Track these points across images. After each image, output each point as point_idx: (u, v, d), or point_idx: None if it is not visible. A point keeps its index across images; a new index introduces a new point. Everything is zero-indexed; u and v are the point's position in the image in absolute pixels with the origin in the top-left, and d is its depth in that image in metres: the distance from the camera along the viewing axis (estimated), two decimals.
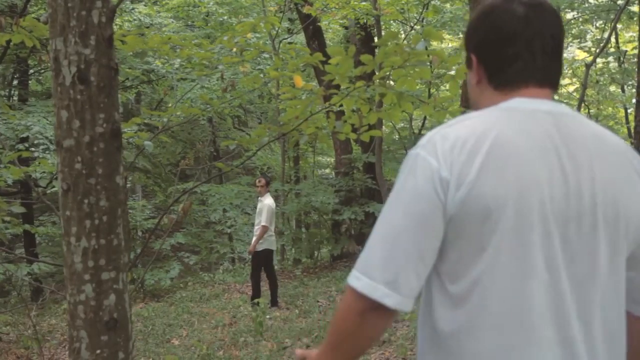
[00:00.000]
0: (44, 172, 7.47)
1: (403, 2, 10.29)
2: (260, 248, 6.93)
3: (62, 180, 1.64)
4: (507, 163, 0.97)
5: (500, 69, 1.09)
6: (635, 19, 10.56)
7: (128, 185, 11.37)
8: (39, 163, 3.88)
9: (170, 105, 12.31)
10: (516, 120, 1.03)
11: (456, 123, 1.05)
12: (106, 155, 1.65)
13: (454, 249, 0.99)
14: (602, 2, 11.17)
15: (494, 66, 1.10)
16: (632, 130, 7.13)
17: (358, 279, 0.99)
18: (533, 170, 0.98)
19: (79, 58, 1.61)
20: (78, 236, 1.63)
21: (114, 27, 1.71)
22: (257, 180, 7.28)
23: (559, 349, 0.97)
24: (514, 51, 1.07)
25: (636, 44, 10.90)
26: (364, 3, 9.07)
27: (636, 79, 7.51)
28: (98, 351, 1.65)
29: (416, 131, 12.39)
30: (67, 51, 1.61)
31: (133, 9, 11.73)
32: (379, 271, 0.97)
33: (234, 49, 3.53)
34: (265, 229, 6.86)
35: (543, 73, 1.08)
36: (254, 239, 7.02)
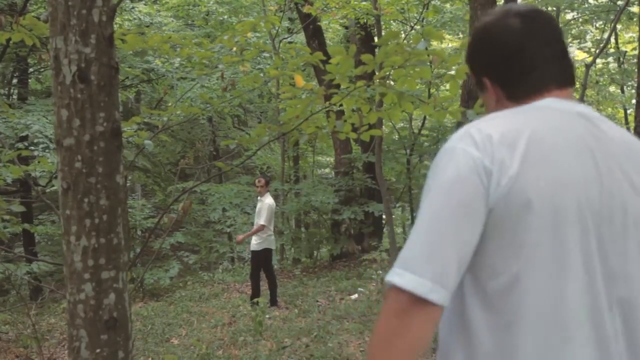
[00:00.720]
0: (43, 170, 7.46)
1: (403, 2, 10.28)
2: (260, 248, 6.94)
3: (62, 179, 1.64)
4: (545, 159, 0.97)
5: (518, 83, 1.10)
6: (635, 19, 10.56)
7: (128, 185, 11.36)
8: (39, 162, 3.87)
9: (170, 104, 12.30)
10: (550, 118, 1.03)
11: (490, 119, 1.03)
12: (106, 154, 1.65)
13: (491, 244, 0.97)
14: (601, 2, 11.17)
15: (510, 82, 1.10)
16: (633, 131, 7.13)
17: (400, 275, 0.94)
18: (570, 169, 0.98)
19: (79, 57, 1.61)
20: (78, 235, 1.63)
21: (114, 26, 1.70)
22: (256, 180, 7.27)
23: (595, 348, 0.97)
24: (528, 63, 1.08)
25: (636, 44, 10.90)
26: (364, 3, 9.06)
27: (636, 80, 7.52)
28: (98, 350, 1.65)
29: (416, 131, 12.38)
30: (68, 50, 1.61)
31: (133, 7, 11.73)
32: (423, 264, 0.93)
33: (234, 48, 3.53)
34: (262, 228, 6.90)
35: (561, 76, 1.09)
36: (248, 232, 7.24)
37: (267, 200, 7.03)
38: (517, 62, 1.08)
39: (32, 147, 7.93)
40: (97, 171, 1.63)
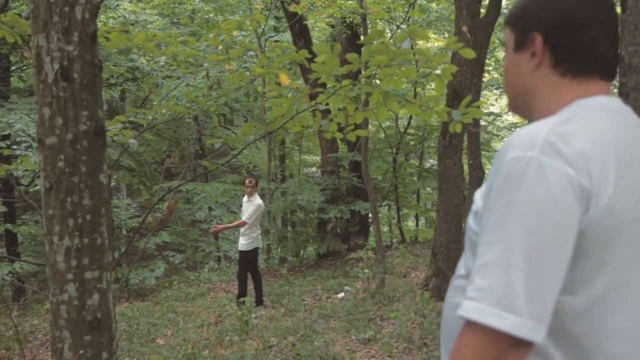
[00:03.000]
0: (26, 170, 7.37)
1: (389, 1, 10.32)
2: (250, 248, 6.98)
3: (45, 178, 1.62)
4: (631, 172, 0.91)
5: (576, 54, 1.00)
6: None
7: (112, 184, 11.27)
8: (21, 161, 3.82)
9: (155, 103, 12.22)
10: (619, 121, 0.96)
11: (565, 122, 0.92)
12: (90, 153, 1.64)
13: (575, 265, 0.88)
14: None
15: (568, 51, 1.00)
16: None
17: (499, 317, 0.82)
18: None
19: (61, 55, 1.59)
20: (61, 235, 1.61)
21: (98, 23, 1.69)
22: (247, 181, 7.21)
23: None
24: (593, 36, 0.99)
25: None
26: (350, 2, 9.07)
27: (617, 80, 7.60)
28: (81, 351, 1.63)
29: (402, 130, 12.44)
30: (50, 48, 1.59)
31: (118, 5, 11.63)
32: (526, 303, 0.83)
33: (220, 47, 3.51)
34: (243, 223, 6.99)
35: (611, 64, 1.02)
36: (228, 224, 7.59)
37: (257, 201, 7.06)
38: (584, 32, 0.99)
39: (15, 146, 7.84)
40: (81, 170, 1.62)
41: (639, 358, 0.94)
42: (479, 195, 1.01)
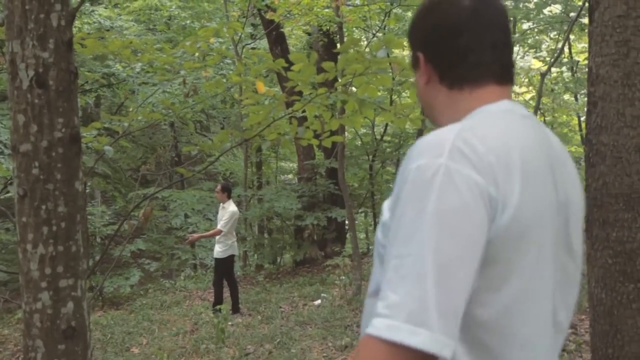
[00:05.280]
0: None
1: (365, 9, 10.41)
2: (225, 255, 6.95)
3: (19, 185, 1.61)
4: (534, 181, 0.90)
5: (451, 64, 1.01)
6: (586, 30, 10.92)
7: (87, 191, 11.09)
8: None
9: (131, 109, 12.10)
10: (524, 127, 0.95)
11: (471, 128, 0.89)
12: (65, 160, 1.63)
13: (482, 275, 0.86)
14: (555, 14, 11.54)
15: (444, 62, 1.02)
16: (585, 137, 7.38)
17: (413, 333, 0.77)
18: (547, 189, 0.93)
19: (37, 62, 1.59)
20: (35, 243, 1.60)
21: (73, 29, 1.69)
22: (216, 187, 7.31)
23: None
24: (464, 44, 0.99)
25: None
26: (326, 10, 9.14)
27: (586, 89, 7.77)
28: None
29: (378, 137, 12.53)
30: (25, 54, 1.58)
31: (93, 11, 11.51)
32: (438, 318, 0.78)
33: (197, 54, 3.52)
34: (218, 232, 6.97)
35: (500, 68, 1.01)
36: (203, 233, 7.58)
37: (231, 208, 7.05)
38: (454, 42, 0.99)
39: None
40: (55, 178, 1.61)
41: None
42: (386, 206, 0.97)
